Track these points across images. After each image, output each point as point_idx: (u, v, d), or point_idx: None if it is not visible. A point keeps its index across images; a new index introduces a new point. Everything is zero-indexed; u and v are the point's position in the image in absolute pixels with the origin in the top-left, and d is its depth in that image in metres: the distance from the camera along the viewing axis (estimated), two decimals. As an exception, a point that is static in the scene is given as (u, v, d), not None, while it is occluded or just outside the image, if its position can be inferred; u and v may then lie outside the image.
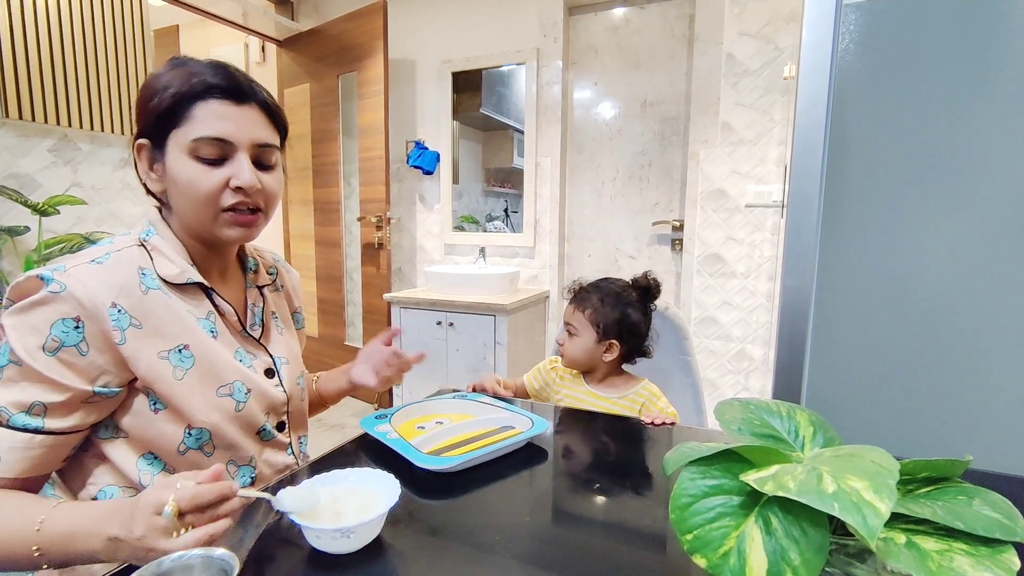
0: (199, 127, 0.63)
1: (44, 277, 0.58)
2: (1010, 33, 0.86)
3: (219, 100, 0.63)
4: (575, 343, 1.08)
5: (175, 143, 0.63)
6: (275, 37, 3.11)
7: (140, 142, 0.65)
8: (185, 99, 0.62)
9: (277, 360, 0.78)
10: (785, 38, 2.07)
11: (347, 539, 0.51)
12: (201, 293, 0.70)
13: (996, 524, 0.34)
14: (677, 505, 0.40)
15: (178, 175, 0.64)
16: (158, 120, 0.63)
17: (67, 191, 2.02)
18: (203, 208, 0.65)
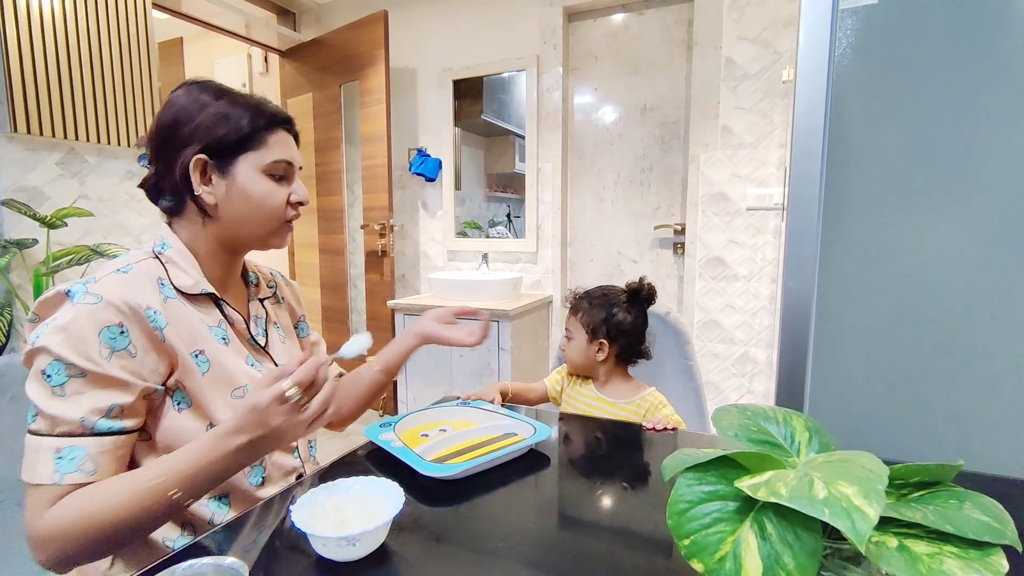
0: (275, 152, 0.73)
1: (72, 292, 0.62)
2: (1005, 36, 0.87)
3: (285, 131, 0.75)
4: (571, 346, 1.14)
5: (250, 163, 0.72)
6: (278, 48, 3.14)
7: (200, 158, 0.70)
8: (261, 128, 0.72)
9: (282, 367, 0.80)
10: (783, 42, 2.08)
11: (352, 547, 0.52)
12: (212, 303, 0.75)
13: (985, 527, 0.35)
14: (674, 511, 0.41)
15: (253, 190, 0.72)
16: (234, 142, 0.71)
17: (74, 203, 2.05)
18: (270, 219, 0.74)
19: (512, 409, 0.98)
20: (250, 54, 3.31)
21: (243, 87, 3.37)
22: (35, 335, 0.61)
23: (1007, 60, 0.87)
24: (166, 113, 0.71)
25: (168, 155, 0.71)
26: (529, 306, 2.38)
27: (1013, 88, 0.87)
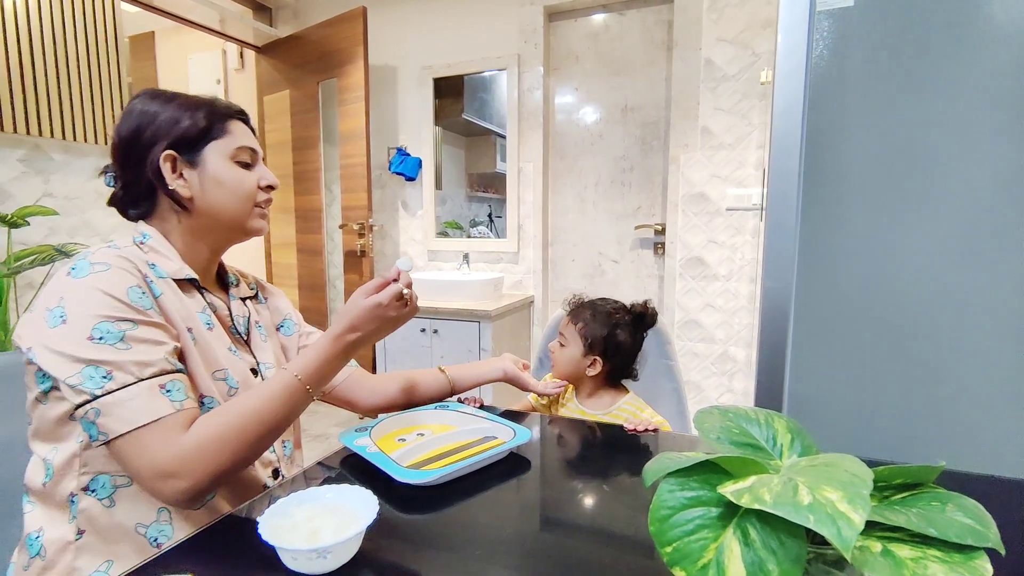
0: (238, 139, 0.76)
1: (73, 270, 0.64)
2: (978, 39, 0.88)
3: (240, 121, 0.78)
4: (563, 353, 1.11)
5: (217, 152, 0.74)
6: (254, 44, 3.08)
7: (169, 153, 0.72)
8: (220, 118, 0.76)
9: (262, 364, 0.82)
10: (761, 44, 2.10)
11: (324, 559, 0.50)
12: (195, 290, 0.77)
13: (969, 530, 0.34)
14: (656, 517, 0.40)
15: (224, 177, 0.75)
16: (197, 135, 0.73)
17: (38, 202, 1.97)
18: (244, 203, 0.77)
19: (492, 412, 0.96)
20: (225, 50, 3.24)
21: (218, 84, 3.30)
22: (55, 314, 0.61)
23: (979, 62, 0.88)
24: (126, 123, 0.73)
25: (136, 160, 0.73)
26: (510, 306, 2.36)
27: (984, 89, 0.88)
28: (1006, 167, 0.88)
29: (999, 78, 0.87)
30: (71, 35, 2.01)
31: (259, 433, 0.65)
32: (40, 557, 0.66)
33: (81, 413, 0.60)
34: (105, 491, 0.66)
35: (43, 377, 0.65)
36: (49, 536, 0.66)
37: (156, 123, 0.72)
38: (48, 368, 0.60)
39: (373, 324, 0.71)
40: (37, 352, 0.61)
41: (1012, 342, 0.90)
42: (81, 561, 0.65)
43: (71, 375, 0.60)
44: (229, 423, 0.63)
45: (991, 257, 0.90)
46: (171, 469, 0.60)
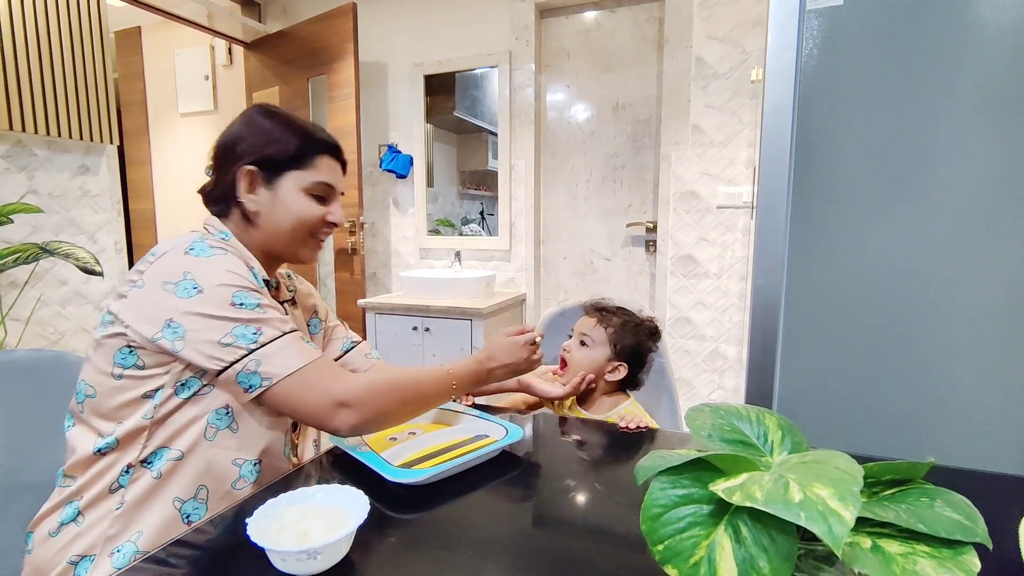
0: (319, 174, 0.81)
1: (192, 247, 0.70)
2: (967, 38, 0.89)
3: (331, 158, 0.83)
4: (586, 353, 1.09)
5: (294, 180, 0.80)
6: (242, 39, 3.05)
7: (249, 168, 0.78)
8: (312, 150, 0.80)
9: None
10: (752, 42, 2.11)
11: (314, 560, 0.50)
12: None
13: (957, 526, 0.35)
14: (648, 516, 0.40)
15: (291, 205, 0.80)
16: (282, 159, 0.79)
17: (22, 199, 1.94)
18: (302, 232, 0.82)
19: (484, 410, 0.96)
20: (213, 45, 3.20)
21: (206, 80, 3.26)
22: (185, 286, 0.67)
23: (968, 60, 0.89)
24: (231, 129, 0.80)
25: (226, 165, 0.79)
26: (502, 304, 2.36)
27: (976, 87, 0.89)
28: (995, 165, 0.89)
29: (988, 76, 0.88)
30: (55, 29, 1.98)
31: (415, 396, 0.77)
32: (75, 523, 0.69)
33: (240, 367, 0.67)
34: (159, 464, 0.69)
35: (129, 353, 0.68)
36: (90, 505, 0.69)
37: (252, 138, 0.79)
38: (194, 331, 0.66)
39: (507, 358, 0.87)
40: (177, 320, 0.66)
41: (999, 339, 0.91)
42: (115, 529, 0.68)
43: (224, 335, 0.67)
44: (398, 379, 0.76)
45: (980, 255, 0.91)
46: (346, 399, 0.69)
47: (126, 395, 0.69)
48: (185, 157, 3.38)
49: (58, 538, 0.68)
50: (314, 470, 0.78)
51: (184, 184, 3.39)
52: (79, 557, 0.68)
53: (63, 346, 2.11)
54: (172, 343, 0.67)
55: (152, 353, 0.68)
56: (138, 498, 0.69)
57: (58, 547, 0.68)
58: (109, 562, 0.67)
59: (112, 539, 0.68)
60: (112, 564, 0.67)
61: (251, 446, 0.74)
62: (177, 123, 3.40)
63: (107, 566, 0.67)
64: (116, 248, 2.29)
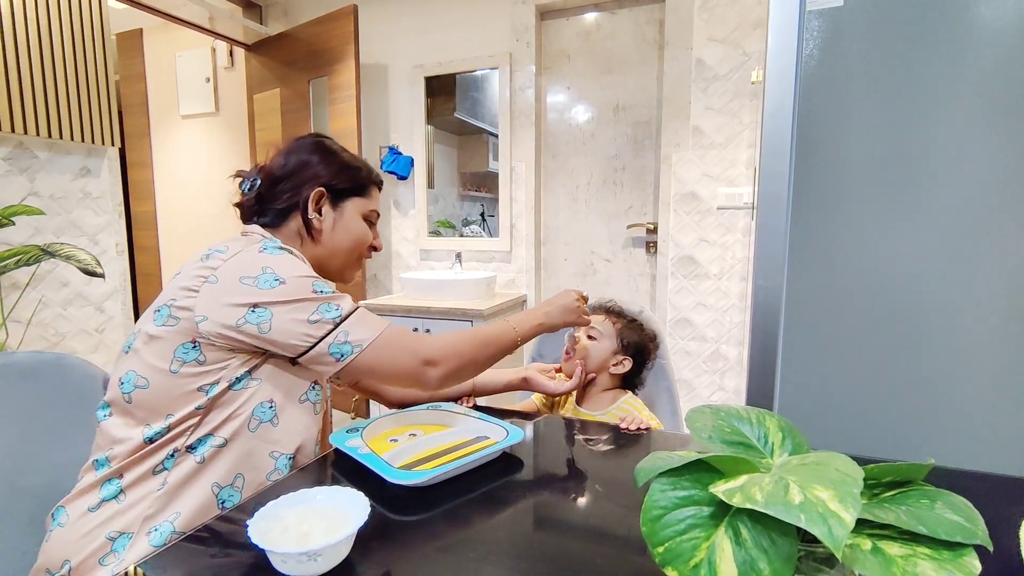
0: (374, 203, 0.94)
1: (265, 247, 0.77)
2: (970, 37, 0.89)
3: (378, 189, 0.95)
4: (593, 344, 1.11)
5: (355, 206, 0.91)
6: (243, 41, 3.05)
7: (320, 190, 0.87)
8: (370, 182, 0.93)
9: None
10: (752, 43, 2.11)
11: (314, 562, 0.50)
12: None
13: (957, 527, 0.35)
14: (648, 517, 0.40)
15: (352, 227, 0.90)
16: (351, 186, 0.90)
17: (23, 200, 1.94)
18: (355, 252, 0.92)
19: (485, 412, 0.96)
20: (214, 47, 3.21)
21: (207, 82, 3.26)
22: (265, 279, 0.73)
23: (969, 61, 0.89)
24: (297, 156, 0.88)
25: (291, 186, 0.86)
26: (503, 305, 2.36)
27: (977, 88, 0.89)
28: (997, 166, 0.89)
29: (989, 77, 0.88)
30: (56, 31, 1.98)
31: (486, 346, 0.85)
32: (116, 501, 0.71)
33: (331, 340, 0.74)
34: (203, 449, 0.72)
35: (192, 348, 0.72)
36: (132, 484, 0.71)
37: (324, 163, 0.88)
38: (282, 314, 0.72)
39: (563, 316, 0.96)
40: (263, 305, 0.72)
41: (1001, 341, 0.91)
42: (154, 509, 0.70)
43: (311, 313, 0.74)
44: (471, 335, 0.84)
45: (981, 256, 0.90)
46: (433, 357, 0.79)
47: (183, 388, 0.72)
48: (186, 159, 3.39)
49: (98, 513, 0.70)
50: (315, 471, 0.78)
51: (185, 185, 3.40)
52: (118, 534, 0.69)
53: (64, 348, 2.11)
54: (258, 326, 0.72)
55: (216, 349, 0.72)
56: (179, 481, 0.71)
57: (97, 523, 0.70)
58: (146, 540, 0.69)
59: (150, 519, 0.70)
60: (149, 542, 0.69)
61: (289, 441, 0.77)
62: (178, 125, 3.40)
63: (144, 544, 0.69)
64: (117, 250, 2.30)
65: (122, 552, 0.68)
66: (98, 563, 0.68)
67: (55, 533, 0.71)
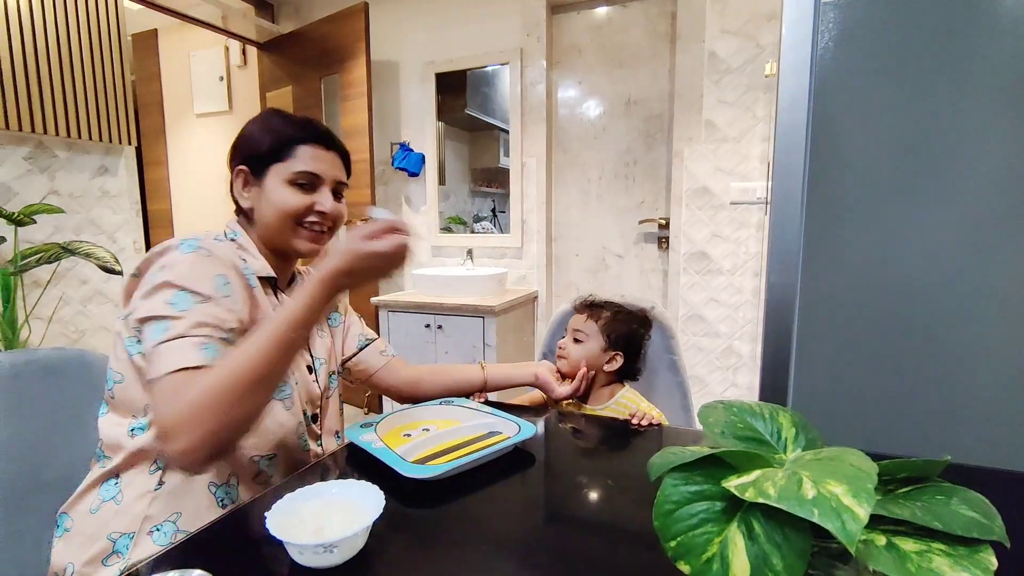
0: (298, 163, 0.81)
1: (181, 245, 0.71)
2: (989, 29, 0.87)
3: (314, 145, 0.82)
4: (580, 348, 1.11)
5: (276, 173, 0.81)
6: (256, 40, 3.08)
7: (240, 168, 0.82)
8: (291, 141, 0.81)
9: (316, 360, 0.89)
10: (766, 35, 2.09)
11: (330, 554, 0.50)
12: (271, 289, 0.85)
13: (974, 523, 0.34)
14: (660, 512, 0.40)
15: (274, 196, 0.80)
16: (264, 155, 0.81)
17: (44, 199, 1.98)
18: (288, 222, 0.81)
19: (497, 407, 0.96)
20: (227, 46, 3.24)
21: (221, 80, 3.30)
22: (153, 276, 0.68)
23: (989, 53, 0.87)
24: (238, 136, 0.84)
25: (231, 169, 0.84)
26: (514, 302, 2.37)
27: (995, 81, 0.87)
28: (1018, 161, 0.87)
29: (1011, 70, 0.86)
30: (74, 32, 2.02)
31: (252, 382, 0.61)
32: (115, 501, 0.71)
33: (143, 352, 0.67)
34: None
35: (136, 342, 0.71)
36: (130, 484, 0.72)
37: (242, 140, 0.83)
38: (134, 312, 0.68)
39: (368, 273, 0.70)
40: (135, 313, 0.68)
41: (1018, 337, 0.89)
42: (154, 509, 0.71)
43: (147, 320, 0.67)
44: (220, 378, 0.60)
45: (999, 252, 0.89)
46: (166, 428, 0.59)
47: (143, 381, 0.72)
48: (201, 157, 3.43)
49: (99, 515, 0.71)
50: (331, 465, 0.79)
51: (200, 184, 3.44)
52: (119, 534, 0.70)
53: (84, 344, 2.16)
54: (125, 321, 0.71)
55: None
56: (176, 480, 0.72)
57: (98, 524, 0.70)
58: (150, 540, 0.70)
59: (150, 519, 0.70)
60: (153, 541, 0.70)
61: (264, 443, 0.77)
62: (193, 124, 3.44)
63: (148, 544, 0.69)
64: (135, 247, 2.33)
65: (125, 552, 0.69)
66: (101, 564, 0.69)
67: (60, 538, 0.73)
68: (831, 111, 0.96)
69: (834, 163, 0.97)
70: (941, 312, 0.93)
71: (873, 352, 0.98)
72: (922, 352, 0.95)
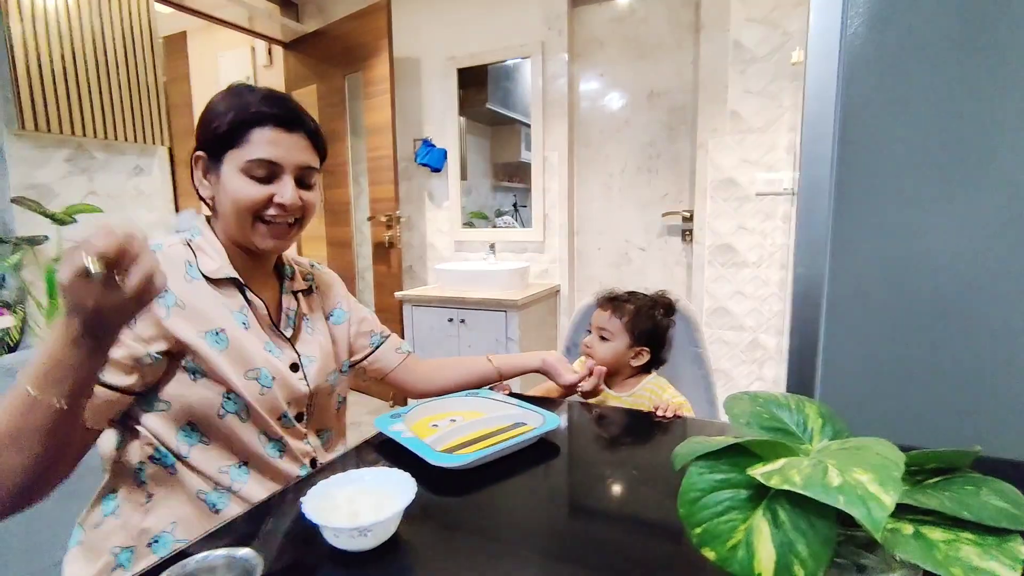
0: (253, 150, 0.72)
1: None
2: None
3: (272, 128, 0.72)
4: (607, 347, 1.11)
5: (231, 161, 0.72)
6: (281, 40, 3.13)
7: (198, 154, 0.74)
8: (244, 125, 0.71)
9: (305, 358, 0.84)
10: (793, 22, 2.04)
11: (364, 537, 0.52)
12: (235, 289, 0.78)
13: (1003, 513, 0.34)
14: (686, 500, 0.41)
15: (229, 187, 0.72)
16: (218, 140, 0.72)
17: (84, 199, 2.06)
18: (244, 216, 0.74)
19: (522, 399, 0.98)
20: (253, 47, 3.30)
21: (247, 80, 3.37)
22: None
23: (1026, 36, 0.84)
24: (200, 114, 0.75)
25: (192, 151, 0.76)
26: (536, 295, 2.37)
27: (1032, 65, 0.84)
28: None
29: (1047, 52, 0.83)
30: (109, 38, 2.09)
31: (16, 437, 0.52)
32: (115, 516, 0.71)
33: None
34: (168, 460, 0.71)
35: None
36: (124, 498, 0.72)
37: (204, 121, 0.74)
38: None
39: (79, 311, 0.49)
40: None
41: (1058, 327, 0.87)
42: (149, 522, 0.71)
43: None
44: None
45: (1036, 239, 0.86)
46: None
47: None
48: (229, 156, 3.51)
49: (101, 529, 0.72)
50: (363, 454, 0.81)
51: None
52: (120, 548, 0.71)
53: (123, 338, 2.24)
54: None
55: None
56: (164, 491, 0.71)
57: (102, 538, 0.71)
58: (150, 552, 0.70)
59: (147, 532, 0.70)
60: (153, 552, 0.70)
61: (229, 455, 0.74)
62: (221, 123, 3.52)
63: (149, 557, 0.70)
64: (169, 245, 2.41)
65: (128, 566, 0.70)
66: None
67: (72, 551, 0.74)
68: (860, 98, 0.94)
69: (864, 151, 0.95)
70: (976, 304, 0.91)
71: (904, 344, 0.96)
72: (955, 344, 0.93)
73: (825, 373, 1.02)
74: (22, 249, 1.81)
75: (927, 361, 0.95)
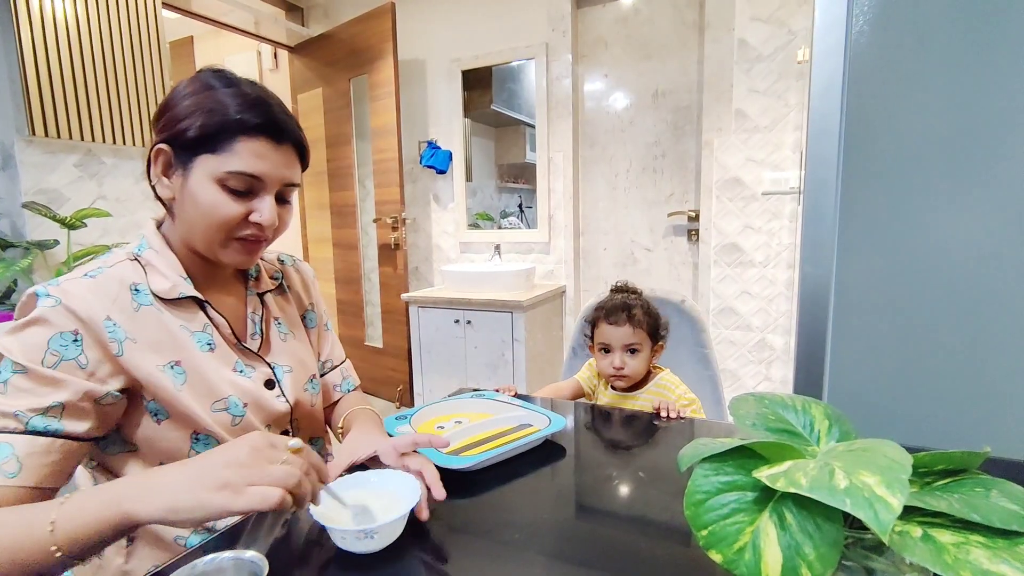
0: (235, 161, 0.63)
1: (38, 293, 0.59)
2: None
3: (261, 140, 0.64)
4: (639, 358, 1.10)
5: (205, 166, 0.63)
6: (287, 44, 3.15)
7: (160, 147, 0.65)
8: (227, 131, 0.63)
9: (278, 369, 0.76)
10: (798, 21, 2.03)
11: (371, 539, 0.53)
12: (195, 306, 0.70)
13: (1013, 516, 0.34)
14: (692, 501, 0.41)
15: (200, 196, 0.64)
16: (192, 138, 0.63)
17: (93, 204, 2.08)
18: (215, 232, 0.65)
19: (527, 400, 0.98)
20: (260, 51, 3.32)
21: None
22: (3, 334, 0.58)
23: (1034, 32, 0.83)
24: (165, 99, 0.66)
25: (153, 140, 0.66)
26: (542, 296, 2.37)
27: (1041, 61, 0.83)
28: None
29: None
30: (118, 44, 2.11)
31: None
32: (98, 557, 0.67)
33: None
34: None
35: None
36: None
37: (170, 111, 0.65)
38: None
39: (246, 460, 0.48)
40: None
41: (1070, 326, 0.86)
42: (131, 565, 0.67)
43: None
44: None
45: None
46: None
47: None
48: (236, 160, 3.53)
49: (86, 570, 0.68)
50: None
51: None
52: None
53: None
54: None
55: None
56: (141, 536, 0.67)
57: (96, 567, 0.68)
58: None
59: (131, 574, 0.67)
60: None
61: None
62: (228, 127, 3.54)
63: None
64: (177, 248, 2.43)
65: None
66: None
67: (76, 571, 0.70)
68: (867, 97, 0.94)
69: (870, 150, 0.95)
70: (985, 303, 0.90)
71: (912, 344, 0.95)
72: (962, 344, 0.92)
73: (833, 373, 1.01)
74: (32, 253, 1.83)
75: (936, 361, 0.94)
